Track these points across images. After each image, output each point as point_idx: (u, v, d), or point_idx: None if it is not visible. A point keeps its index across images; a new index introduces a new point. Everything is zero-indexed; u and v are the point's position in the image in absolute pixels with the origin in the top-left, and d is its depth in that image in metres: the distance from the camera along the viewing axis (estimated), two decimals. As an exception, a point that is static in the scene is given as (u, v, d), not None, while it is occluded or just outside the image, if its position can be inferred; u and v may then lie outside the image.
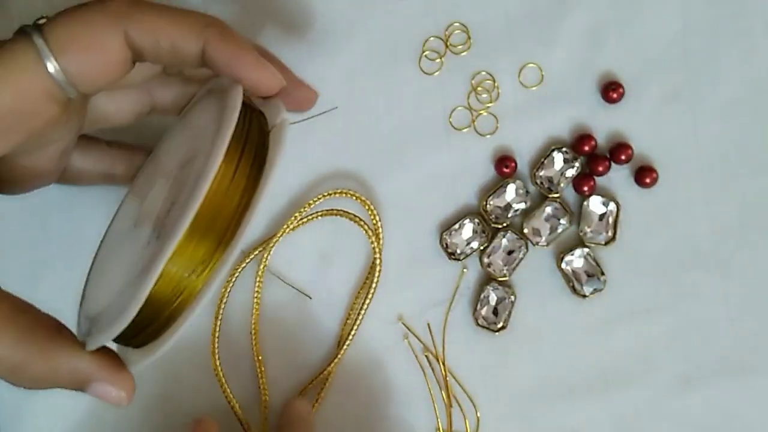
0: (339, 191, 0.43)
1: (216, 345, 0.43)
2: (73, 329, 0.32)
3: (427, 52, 0.44)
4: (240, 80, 0.31)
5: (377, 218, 0.43)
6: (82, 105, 0.32)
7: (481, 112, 0.44)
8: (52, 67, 0.28)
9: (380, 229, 0.43)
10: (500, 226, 0.43)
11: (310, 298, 0.43)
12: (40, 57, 0.28)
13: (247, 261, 0.43)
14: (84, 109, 0.33)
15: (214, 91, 0.34)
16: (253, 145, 0.30)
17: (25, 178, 0.34)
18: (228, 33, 0.30)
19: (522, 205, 0.43)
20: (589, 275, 0.42)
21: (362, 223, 0.43)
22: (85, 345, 0.30)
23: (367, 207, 0.43)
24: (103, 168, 0.38)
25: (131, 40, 0.29)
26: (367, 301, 0.42)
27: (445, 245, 0.43)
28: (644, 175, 0.42)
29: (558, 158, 0.42)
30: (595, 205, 0.42)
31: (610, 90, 0.42)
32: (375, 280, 0.42)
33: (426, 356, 0.43)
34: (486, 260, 0.42)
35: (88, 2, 0.30)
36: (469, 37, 0.44)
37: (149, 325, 0.30)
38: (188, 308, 0.30)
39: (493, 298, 0.42)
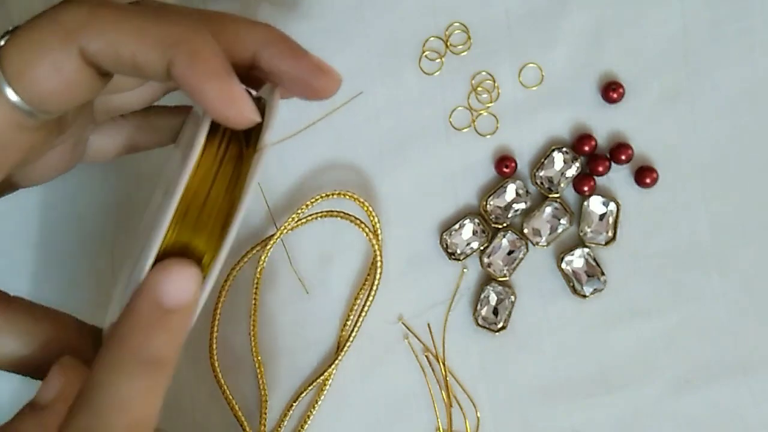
0: (337, 192, 0.43)
1: (215, 345, 0.43)
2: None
3: (427, 52, 0.44)
4: (206, 108, 0.26)
5: (376, 219, 0.43)
6: (87, 110, 0.31)
7: (481, 112, 0.44)
8: (11, 95, 0.26)
9: (379, 230, 0.43)
10: (500, 226, 0.43)
11: (307, 292, 0.43)
12: None
13: (245, 261, 0.43)
14: (88, 109, 0.32)
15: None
16: (226, 175, 0.28)
17: (42, 175, 0.32)
18: (197, 55, 0.26)
19: (522, 205, 0.43)
20: (589, 275, 0.42)
21: (361, 224, 0.43)
22: None
23: (365, 208, 0.43)
24: (122, 140, 0.35)
25: (88, 54, 0.26)
26: (368, 301, 0.42)
27: (445, 245, 0.43)
28: (644, 175, 0.42)
29: (558, 158, 0.42)
30: (595, 205, 0.42)
31: (610, 90, 0.42)
32: (375, 281, 0.42)
33: (426, 356, 0.43)
34: (486, 260, 0.42)
35: (41, 15, 0.27)
36: (469, 37, 0.44)
37: None
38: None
39: (493, 298, 0.42)
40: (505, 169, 0.43)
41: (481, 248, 0.43)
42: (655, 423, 0.42)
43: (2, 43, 0.26)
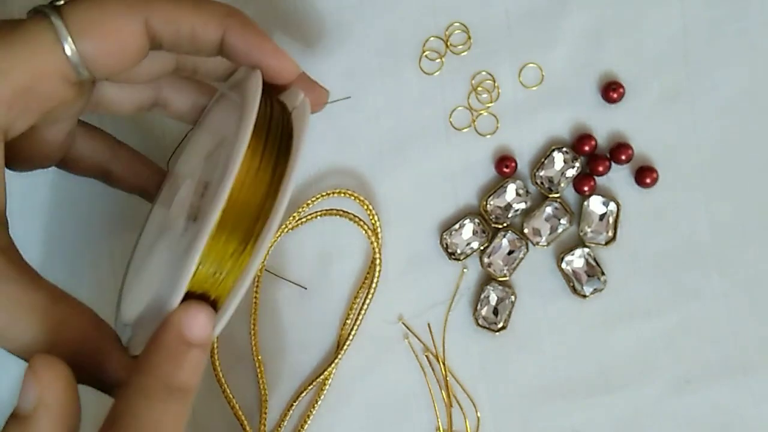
0: (337, 191, 0.43)
1: (215, 344, 0.43)
2: None
3: (427, 52, 0.44)
4: (260, 67, 0.31)
5: (376, 218, 0.43)
6: (89, 88, 0.32)
7: (481, 112, 0.44)
8: (69, 49, 0.28)
9: (379, 229, 0.43)
10: (500, 226, 0.43)
11: (305, 288, 0.43)
12: (58, 38, 0.28)
13: (246, 261, 0.43)
14: (90, 92, 0.33)
15: (226, 94, 0.35)
16: (278, 123, 0.30)
17: (31, 155, 0.33)
18: (248, 23, 0.31)
19: (522, 205, 0.43)
20: (589, 275, 0.42)
21: (361, 222, 0.43)
22: (127, 349, 0.30)
23: (365, 206, 0.43)
24: (101, 159, 0.37)
25: (151, 27, 0.30)
26: (367, 300, 0.42)
27: (445, 245, 0.43)
28: (644, 175, 0.42)
29: (558, 158, 0.42)
30: (595, 205, 0.42)
31: (610, 90, 0.42)
32: (375, 279, 0.42)
33: (426, 356, 0.43)
34: (486, 260, 0.42)
35: None
36: (469, 37, 0.44)
37: None
38: (230, 294, 0.29)
39: (493, 298, 0.42)
40: (505, 169, 0.43)
41: (481, 248, 0.43)
42: (655, 423, 0.42)
43: (62, 1, 0.29)
